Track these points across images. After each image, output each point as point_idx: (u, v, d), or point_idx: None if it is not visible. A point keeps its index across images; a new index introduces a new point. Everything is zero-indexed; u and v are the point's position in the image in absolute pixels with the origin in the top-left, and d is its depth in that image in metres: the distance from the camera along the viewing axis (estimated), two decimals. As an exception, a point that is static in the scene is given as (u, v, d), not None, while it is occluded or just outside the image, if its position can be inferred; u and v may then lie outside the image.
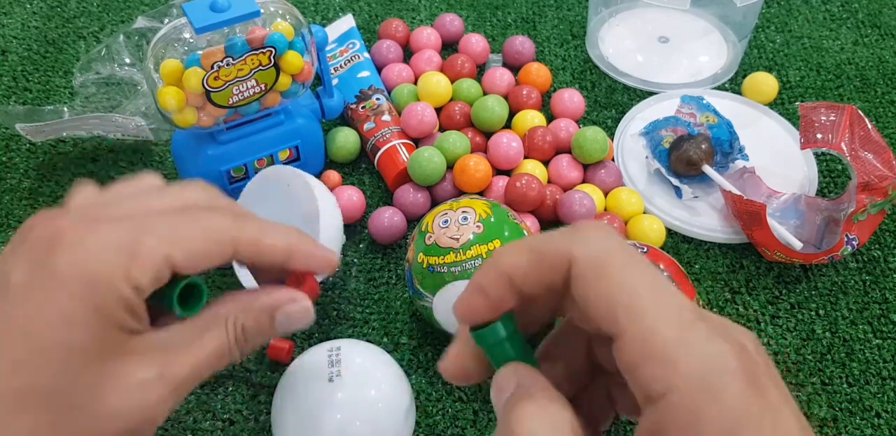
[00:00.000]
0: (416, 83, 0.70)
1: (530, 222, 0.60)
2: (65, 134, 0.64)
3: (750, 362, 0.23)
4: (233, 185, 0.60)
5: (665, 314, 0.23)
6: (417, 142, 0.66)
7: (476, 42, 0.73)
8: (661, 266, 0.52)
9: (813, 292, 0.58)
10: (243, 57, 0.52)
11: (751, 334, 0.25)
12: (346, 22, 0.77)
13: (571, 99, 0.68)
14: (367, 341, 0.54)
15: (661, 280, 0.24)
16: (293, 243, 0.32)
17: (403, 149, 0.64)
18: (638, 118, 0.69)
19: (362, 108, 0.67)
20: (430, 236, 0.51)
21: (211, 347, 0.30)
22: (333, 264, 0.34)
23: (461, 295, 0.27)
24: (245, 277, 0.56)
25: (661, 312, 0.23)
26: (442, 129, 0.67)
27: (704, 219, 0.62)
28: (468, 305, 0.26)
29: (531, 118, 0.67)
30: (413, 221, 0.62)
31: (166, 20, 0.68)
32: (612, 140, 0.67)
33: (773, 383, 0.23)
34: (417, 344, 0.55)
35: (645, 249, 0.54)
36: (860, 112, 0.59)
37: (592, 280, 0.24)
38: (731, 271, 0.60)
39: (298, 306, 0.33)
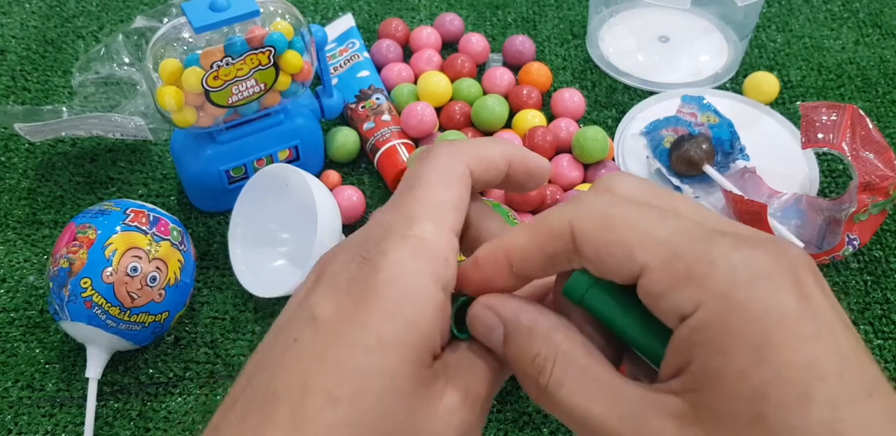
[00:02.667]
0: (415, 83, 0.70)
1: (530, 222, 0.60)
2: (63, 134, 0.63)
3: (788, 264, 0.21)
4: (232, 185, 0.60)
5: (684, 237, 0.21)
6: (417, 142, 0.66)
7: (476, 41, 0.73)
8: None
9: (814, 293, 0.58)
10: (243, 56, 0.52)
11: (797, 245, 0.23)
12: (346, 21, 0.76)
13: (572, 99, 0.68)
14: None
15: (672, 210, 0.22)
16: (508, 151, 0.28)
17: (403, 148, 0.64)
18: (638, 118, 0.68)
19: (362, 107, 0.67)
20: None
21: (500, 360, 0.26)
22: (549, 168, 0.29)
23: (462, 263, 0.26)
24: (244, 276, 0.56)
25: (679, 236, 0.21)
26: (442, 128, 0.67)
27: (705, 219, 0.62)
28: (461, 277, 0.25)
29: (531, 118, 0.66)
30: (413, 221, 0.61)
31: (165, 20, 0.68)
32: (613, 140, 0.67)
33: (820, 288, 0.21)
34: (417, 344, 0.55)
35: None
36: (861, 112, 0.59)
37: (600, 233, 0.22)
38: (732, 272, 0.59)
39: None
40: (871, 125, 0.59)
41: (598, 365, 0.23)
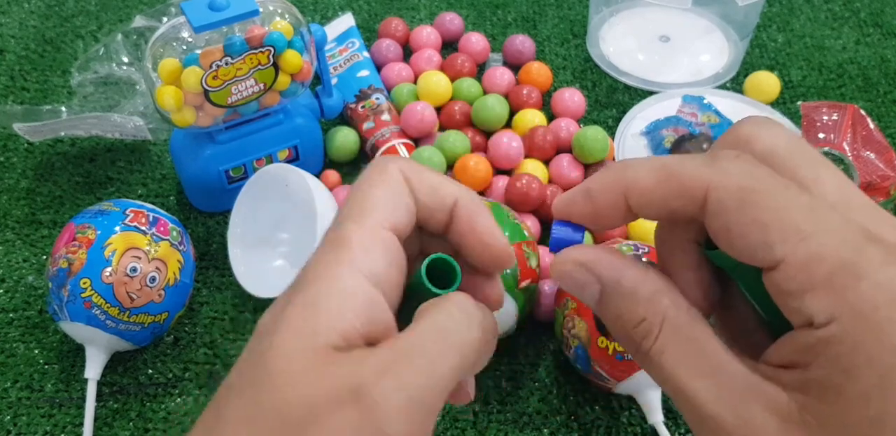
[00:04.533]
0: (415, 82, 0.70)
1: (531, 222, 0.60)
2: (63, 134, 0.63)
3: None
4: (231, 185, 0.60)
5: (831, 237, 0.20)
6: (417, 141, 0.66)
7: (476, 41, 0.73)
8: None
9: (815, 293, 0.58)
10: (242, 56, 0.52)
11: None
12: (346, 21, 0.76)
13: (572, 98, 0.68)
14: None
15: (822, 201, 0.20)
16: (458, 191, 0.27)
17: (403, 148, 0.63)
18: (639, 118, 0.68)
19: (362, 107, 0.67)
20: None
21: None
22: (503, 249, 0.27)
23: (565, 193, 0.25)
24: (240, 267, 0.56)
25: (825, 235, 0.20)
26: (442, 128, 0.67)
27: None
28: (568, 204, 0.24)
29: (531, 118, 0.66)
30: (413, 221, 0.61)
31: (165, 19, 0.68)
32: (613, 140, 0.67)
33: None
34: (417, 345, 0.55)
35: (646, 249, 0.54)
36: (862, 112, 0.59)
37: (737, 208, 0.20)
38: (733, 272, 0.59)
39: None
40: (871, 125, 0.59)
41: (705, 336, 0.22)
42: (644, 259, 0.48)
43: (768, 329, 0.24)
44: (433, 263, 0.26)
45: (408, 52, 0.75)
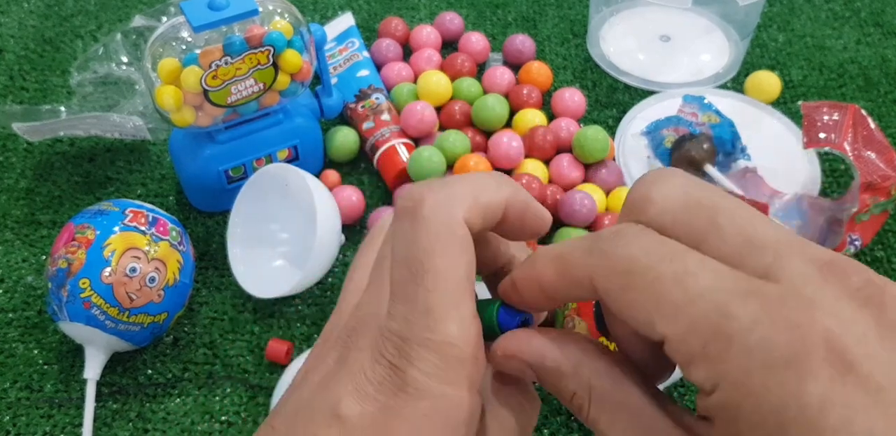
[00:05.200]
0: (415, 82, 0.70)
1: (531, 222, 0.60)
2: (62, 133, 0.63)
3: (820, 336, 0.19)
4: (231, 185, 0.60)
5: (699, 304, 0.20)
6: (417, 141, 0.66)
7: (476, 41, 0.73)
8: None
9: (816, 293, 0.58)
10: (242, 56, 0.52)
11: (849, 280, 0.20)
12: (346, 20, 0.76)
13: (572, 98, 0.68)
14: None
15: (693, 266, 0.20)
16: (509, 194, 0.26)
17: (403, 148, 0.63)
18: (639, 118, 0.68)
19: (362, 107, 0.67)
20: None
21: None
22: (548, 223, 0.27)
23: (505, 280, 0.26)
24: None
25: (694, 304, 0.20)
26: (442, 128, 0.67)
27: (706, 219, 0.61)
28: (503, 292, 0.26)
29: (532, 117, 0.66)
30: (413, 221, 0.61)
31: (164, 19, 0.67)
32: (613, 140, 0.67)
33: (864, 350, 0.19)
34: (417, 345, 0.55)
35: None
36: (863, 111, 0.59)
37: (618, 294, 0.21)
38: (734, 272, 0.59)
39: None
40: (872, 125, 0.59)
41: (631, 397, 0.23)
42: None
43: None
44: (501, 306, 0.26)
45: (408, 51, 0.74)
